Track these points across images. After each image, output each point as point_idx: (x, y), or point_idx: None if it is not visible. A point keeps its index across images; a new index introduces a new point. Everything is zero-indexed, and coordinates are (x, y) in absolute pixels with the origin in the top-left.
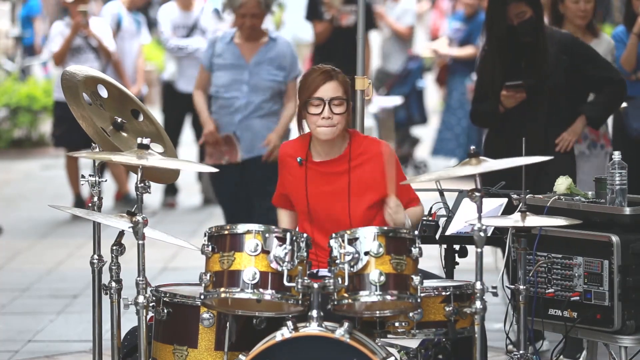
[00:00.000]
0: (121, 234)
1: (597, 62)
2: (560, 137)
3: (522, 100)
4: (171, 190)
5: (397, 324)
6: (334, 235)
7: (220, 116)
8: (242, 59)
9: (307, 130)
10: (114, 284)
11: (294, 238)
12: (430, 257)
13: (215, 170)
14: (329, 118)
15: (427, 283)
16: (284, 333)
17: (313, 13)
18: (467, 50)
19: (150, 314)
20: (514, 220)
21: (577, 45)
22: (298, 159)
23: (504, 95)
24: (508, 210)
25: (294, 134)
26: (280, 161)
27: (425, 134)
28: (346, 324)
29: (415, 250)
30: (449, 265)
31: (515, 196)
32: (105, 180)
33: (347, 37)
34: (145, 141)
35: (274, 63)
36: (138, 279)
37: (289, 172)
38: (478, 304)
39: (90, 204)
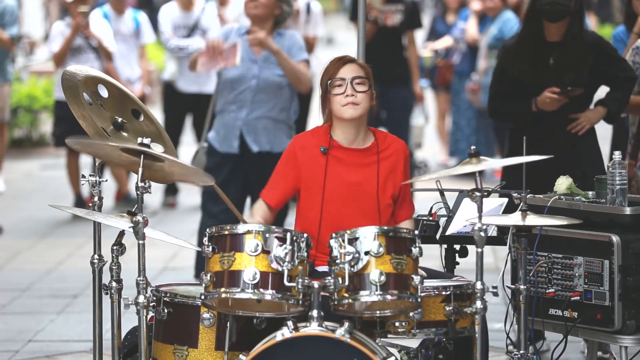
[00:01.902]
0: (121, 234)
1: (619, 61)
2: (577, 121)
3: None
4: (171, 190)
5: (397, 324)
6: (334, 235)
7: (227, 112)
8: (251, 53)
9: (324, 120)
10: (114, 283)
11: (294, 238)
12: (430, 257)
13: (213, 183)
14: (352, 95)
15: (428, 283)
16: (284, 333)
17: (356, 14)
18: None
19: (151, 314)
20: (515, 219)
21: (602, 44)
22: (322, 148)
23: (549, 97)
24: (510, 210)
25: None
26: (290, 154)
27: (425, 133)
28: (346, 324)
29: (415, 250)
30: (449, 265)
31: (515, 195)
32: (106, 180)
33: (391, 37)
34: (146, 141)
35: None
36: (138, 279)
37: (306, 163)
38: (478, 303)
39: (90, 204)
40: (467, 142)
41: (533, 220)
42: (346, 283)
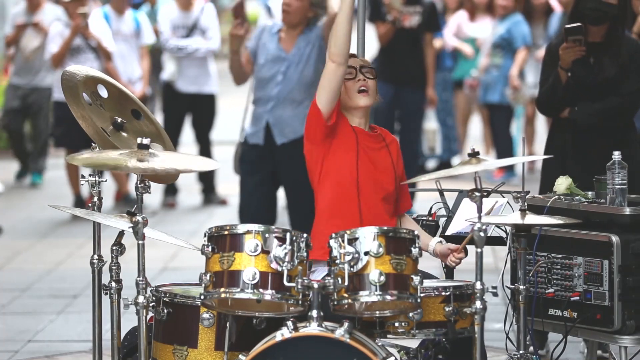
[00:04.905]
0: (121, 234)
1: (636, 79)
2: None
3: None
4: (171, 190)
5: (397, 324)
6: (333, 235)
7: (257, 106)
8: (282, 51)
9: None
10: (114, 284)
11: (294, 238)
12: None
13: (217, 166)
14: (364, 80)
15: (428, 283)
16: (284, 333)
17: (375, 14)
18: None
19: (150, 314)
20: (514, 219)
21: (637, 57)
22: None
23: (563, 49)
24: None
25: None
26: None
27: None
28: (346, 324)
29: (415, 250)
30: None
31: (515, 194)
32: (105, 180)
33: (410, 38)
34: (145, 141)
35: (310, 52)
36: (138, 279)
37: (340, 137)
38: (478, 304)
39: (90, 204)
40: (458, 141)
41: (532, 220)
42: (346, 283)
